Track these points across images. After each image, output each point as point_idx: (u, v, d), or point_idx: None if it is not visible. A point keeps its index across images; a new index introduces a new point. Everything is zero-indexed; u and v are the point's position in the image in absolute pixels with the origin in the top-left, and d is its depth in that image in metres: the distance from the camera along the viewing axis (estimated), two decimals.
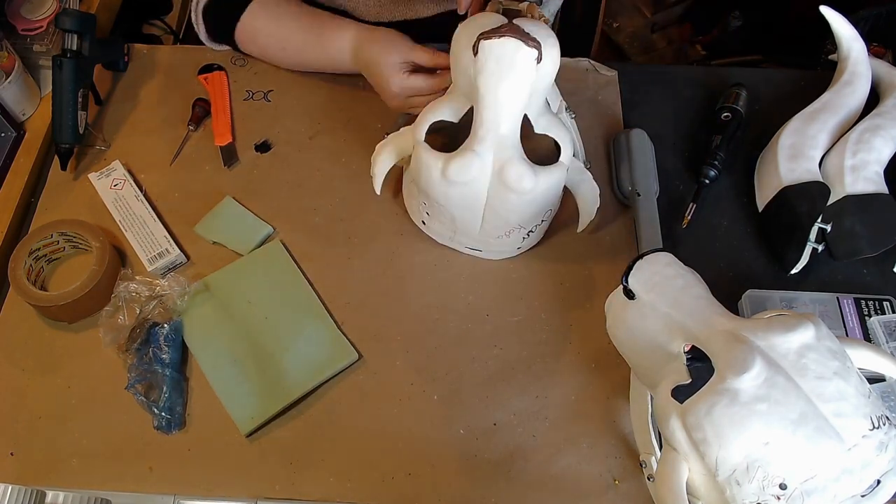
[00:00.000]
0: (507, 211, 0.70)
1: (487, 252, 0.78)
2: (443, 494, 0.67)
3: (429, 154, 0.68)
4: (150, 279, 0.74)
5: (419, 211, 0.77)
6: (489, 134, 0.65)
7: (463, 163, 0.66)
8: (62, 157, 0.84)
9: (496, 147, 0.66)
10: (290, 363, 0.71)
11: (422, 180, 0.70)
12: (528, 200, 0.69)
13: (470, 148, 0.66)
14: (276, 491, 0.67)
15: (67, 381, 0.72)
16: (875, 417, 0.52)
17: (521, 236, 0.75)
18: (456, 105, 0.69)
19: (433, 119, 0.69)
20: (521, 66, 0.61)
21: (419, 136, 0.70)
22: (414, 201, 0.77)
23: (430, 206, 0.73)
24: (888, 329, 0.72)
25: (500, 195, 0.68)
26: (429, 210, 0.74)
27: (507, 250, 0.79)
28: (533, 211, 0.71)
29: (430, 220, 0.76)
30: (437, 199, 0.71)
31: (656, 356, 0.60)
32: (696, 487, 0.55)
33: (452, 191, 0.69)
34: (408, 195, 0.79)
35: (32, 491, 0.53)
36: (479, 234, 0.75)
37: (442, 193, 0.70)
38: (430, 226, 0.78)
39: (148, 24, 1.36)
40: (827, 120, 0.82)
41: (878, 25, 1.34)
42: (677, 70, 0.99)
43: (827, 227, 0.75)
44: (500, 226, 0.72)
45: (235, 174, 0.85)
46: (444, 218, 0.74)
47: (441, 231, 0.77)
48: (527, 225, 0.73)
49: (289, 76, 0.93)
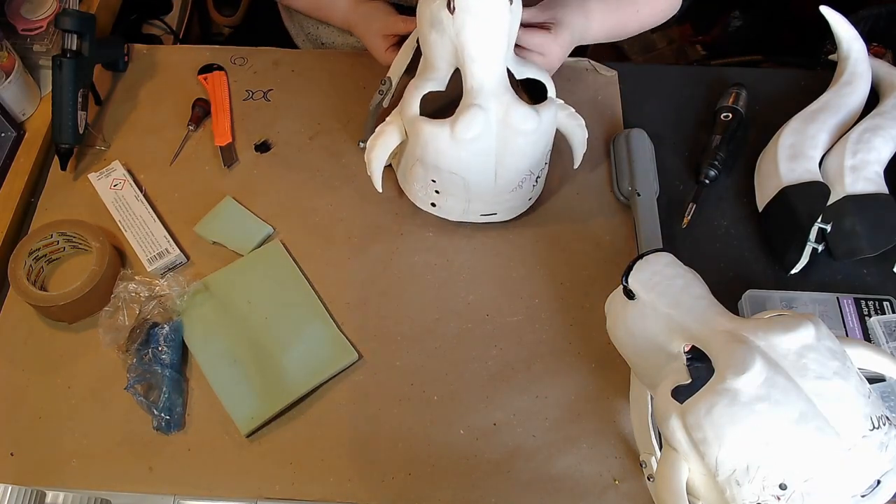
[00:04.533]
0: (518, 157, 0.71)
1: (502, 213, 0.79)
2: (443, 494, 0.67)
3: (431, 124, 0.69)
4: (149, 279, 0.74)
5: (427, 194, 0.77)
6: (484, 85, 0.67)
7: (469, 119, 0.67)
8: (62, 157, 0.84)
9: (493, 97, 0.67)
10: (290, 363, 0.71)
11: (429, 154, 0.70)
12: (535, 140, 0.70)
13: (469, 103, 0.67)
14: (276, 491, 0.67)
15: (67, 381, 0.72)
16: (875, 417, 0.52)
17: (531, 184, 0.76)
18: (436, 76, 0.71)
19: (421, 94, 0.70)
20: (497, 11, 0.64)
21: (414, 112, 0.70)
22: (418, 186, 0.77)
23: (441, 180, 0.73)
24: (888, 329, 0.72)
25: (508, 142, 0.69)
26: (439, 187, 0.74)
27: (520, 205, 0.79)
28: (540, 151, 0.72)
29: (442, 198, 0.76)
30: (450, 166, 0.71)
31: (656, 356, 0.60)
32: (696, 487, 0.55)
33: (463, 152, 0.69)
34: (410, 183, 0.78)
35: (32, 491, 0.53)
36: (493, 194, 0.75)
37: (454, 159, 0.70)
38: (442, 204, 0.77)
39: (148, 24, 1.36)
40: (827, 120, 0.82)
41: (878, 25, 1.34)
42: (677, 70, 0.99)
43: (827, 227, 0.75)
44: (512, 177, 0.73)
45: (235, 174, 0.85)
46: (457, 188, 0.73)
47: (454, 206, 0.77)
48: (535, 169, 0.74)
49: (289, 76, 0.93)
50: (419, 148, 0.71)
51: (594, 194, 0.84)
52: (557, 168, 0.85)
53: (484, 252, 0.80)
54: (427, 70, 0.72)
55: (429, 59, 0.71)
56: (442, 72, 0.70)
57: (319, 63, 0.94)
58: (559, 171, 0.85)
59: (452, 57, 0.69)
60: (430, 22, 0.67)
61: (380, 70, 0.87)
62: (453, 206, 0.77)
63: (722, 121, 0.86)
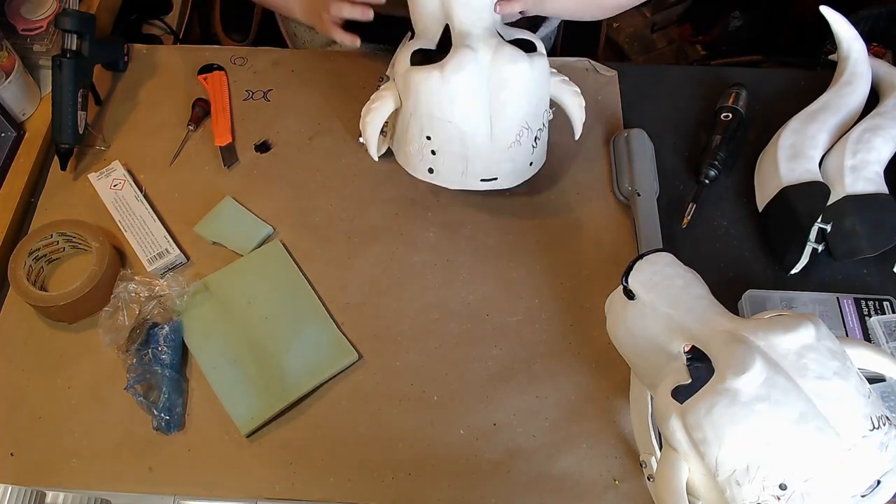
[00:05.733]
0: (511, 102, 0.71)
1: (503, 177, 0.76)
2: (443, 494, 0.67)
3: (422, 69, 0.69)
4: (149, 279, 0.74)
5: (423, 157, 0.75)
6: (472, 29, 0.69)
7: (458, 58, 0.68)
8: (62, 157, 0.83)
9: (482, 41, 0.69)
10: (290, 363, 0.71)
11: (422, 102, 0.70)
12: (527, 83, 0.70)
13: (459, 45, 0.68)
14: (276, 491, 0.67)
15: (67, 381, 0.72)
16: (875, 417, 0.52)
17: (530, 143, 0.75)
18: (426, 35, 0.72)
19: (411, 52, 0.71)
20: None
21: (405, 65, 0.71)
22: (414, 148, 0.76)
23: (436, 133, 0.72)
24: (888, 329, 0.72)
25: (500, 86, 0.69)
26: (435, 145, 0.73)
27: (521, 167, 0.77)
28: (533, 100, 0.72)
29: (439, 160, 0.75)
30: (443, 113, 0.70)
31: (656, 356, 0.60)
32: (696, 487, 0.55)
33: (455, 94, 0.69)
34: (406, 147, 0.77)
35: (32, 491, 0.53)
36: (490, 147, 0.73)
37: (447, 101, 0.70)
38: (439, 168, 0.76)
39: (148, 24, 1.36)
40: (827, 120, 0.82)
41: (878, 25, 1.34)
42: (677, 70, 0.99)
43: (827, 227, 0.75)
44: (509, 125, 0.72)
45: (235, 174, 0.85)
46: (453, 142, 0.72)
47: (452, 167, 0.75)
48: (531, 123, 0.73)
49: (289, 76, 0.93)
50: (412, 100, 0.71)
51: (594, 194, 0.84)
52: (558, 168, 0.85)
53: (484, 252, 0.80)
54: (417, 37, 0.73)
55: (418, 24, 0.72)
56: (431, 31, 0.72)
57: (319, 63, 0.94)
58: (560, 171, 0.85)
59: (440, 11, 0.70)
60: None
61: (379, 69, 0.87)
62: (451, 169, 0.75)
63: (722, 121, 0.86)
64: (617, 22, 1.95)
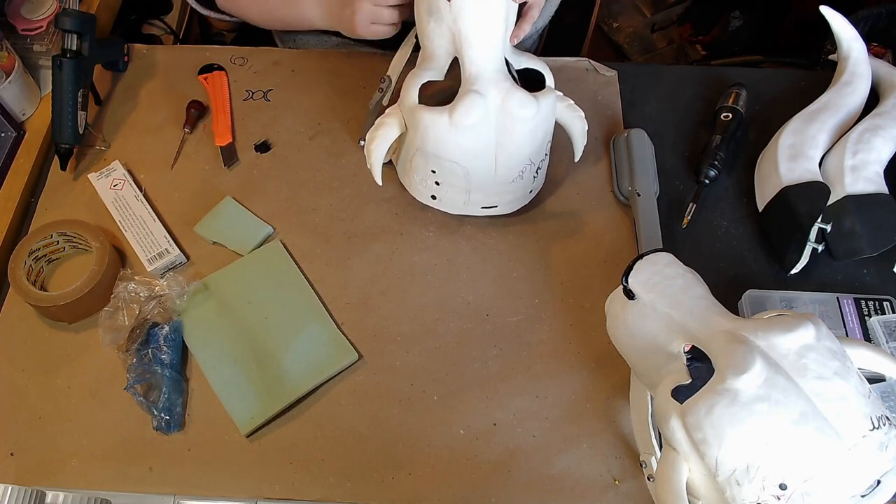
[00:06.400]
0: (518, 145, 0.71)
1: (503, 206, 0.78)
2: (443, 494, 0.67)
3: (430, 112, 0.69)
4: (149, 279, 0.74)
5: (427, 186, 0.76)
6: (483, 71, 0.68)
7: (467, 104, 0.67)
8: (62, 157, 0.84)
9: (492, 84, 0.68)
10: (290, 363, 0.71)
11: (429, 142, 0.70)
12: (534, 127, 0.70)
13: (468, 90, 0.68)
14: (276, 491, 0.67)
15: (67, 381, 0.72)
16: (875, 417, 0.52)
17: (531, 175, 0.76)
18: (435, 65, 0.71)
19: (419, 83, 0.70)
20: None
21: (413, 101, 0.70)
22: (418, 178, 0.76)
23: (441, 169, 0.73)
24: (888, 329, 0.72)
25: (507, 129, 0.69)
26: (439, 178, 0.74)
27: (521, 197, 0.78)
28: (538, 139, 0.72)
29: (442, 190, 0.76)
30: (450, 154, 0.71)
31: (656, 356, 0.60)
32: (696, 487, 0.55)
33: (462, 138, 0.69)
34: (410, 175, 0.78)
35: (32, 491, 0.53)
36: (493, 183, 0.74)
37: (454, 146, 0.70)
38: (442, 197, 0.77)
39: (148, 24, 1.36)
40: (827, 120, 0.82)
41: (878, 25, 1.34)
42: (677, 70, 0.98)
43: (827, 227, 0.75)
44: (513, 164, 0.73)
45: (235, 174, 0.85)
46: (457, 178, 0.73)
47: (454, 197, 0.76)
48: (535, 159, 0.74)
49: (289, 76, 0.93)
50: (418, 137, 0.71)
51: (594, 194, 0.84)
52: (558, 168, 0.85)
53: (484, 252, 0.80)
54: (426, 61, 0.72)
55: (427, 50, 0.72)
56: (441, 61, 0.71)
57: (319, 63, 0.94)
58: (559, 171, 0.85)
59: (450, 45, 0.69)
60: (427, 10, 0.68)
61: (379, 69, 0.87)
62: (454, 198, 0.77)
63: (722, 121, 0.86)
64: (617, 22, 1.96)
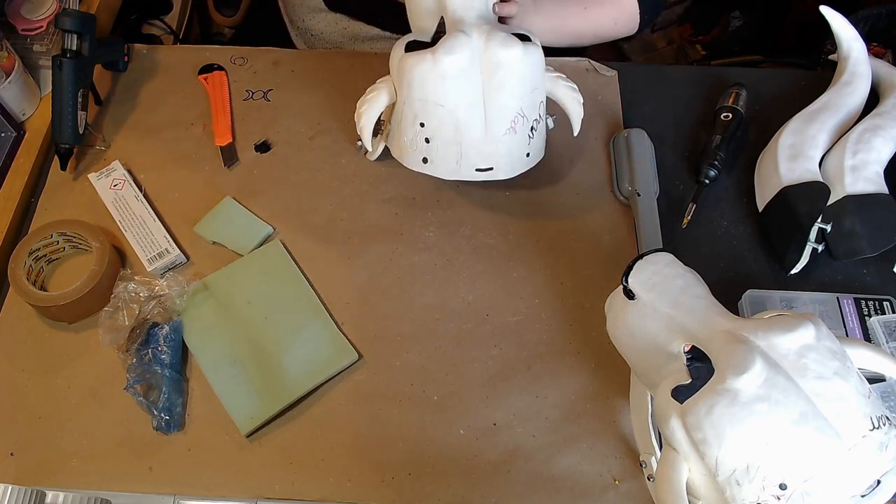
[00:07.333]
0: (505, 88, 0.70)
1: (498, 168, 0.75)
2: (443, 494, 0.67)
3: (414, 55, 0.69)
4: (149, 279, 0.74)
5: (417, 147, 0.75)
6: (466, 14, 0.69)
7: (450, 42, 0.68)
8: (62, 157, 0.83)
9: (475, 27, 0.69)
10: (290, 363, 0.71)
11: (415, 88, 0.70)
12: (520, 70, 0.70)
13: (452, 30, 0.69)
14: (276, 491, 0.67)
15: (67, 381, 0.72)
16: (875, 417, 0.52)
17: (525, 131, 0.74)
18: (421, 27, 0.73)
19: (405, 42, 0.72)
20: None
21: (399, 55, 0.71)
22: (408, 138, 0.75)
23: (429, 119, 0.72)
24: (888, 329, 0.72)
25: (493, 72, 0.69)
26: (428, 133, 0.73)
27: (517, 158, 0.75)
28: (527, 87, 0.71)
29: (432, 147, 0.74)
30: (437, 97, 0.70)
31: (656, 356, 0.60)
32: (696, 487, 0.55)
33: (448, 78, 0.69)
34: (400, 138, 0.76)
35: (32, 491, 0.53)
36: (485, 135, 0.72)
37: (440, 87, 0.69)
38: (433, 156, 0.74)
39: (148, 24, 1.36)
40: (827, 120, 0.82)
41: (878, 25, 1.34)
42: (677, 70, 0.99)
43: (827, 227, 0.75)
44: (503, 112, 0.71)
45: (235, 174, 0.85)
46: (447, 128, 0.72)
47: (446, 156, 0.74)
48: (527, 112, 0.73)
49: (289, 76, 0.93)
50: (405, 84, 0.71)
51: (594, 194, 0.84)
52: (558, 167, 0.85)
53: (484, 252, 0.80)
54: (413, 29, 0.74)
55: (414, 18, 0.73)
56: (427, 27, 0.72)
57: (319, 63, 0.94)
58: (559, 170, 0.85)
59: (435, 5, 0.70)
60: None
61: (380, 69, 0.87)
62: (445, 158, 0.74)
63: (722, 121, 0.86)
64: None
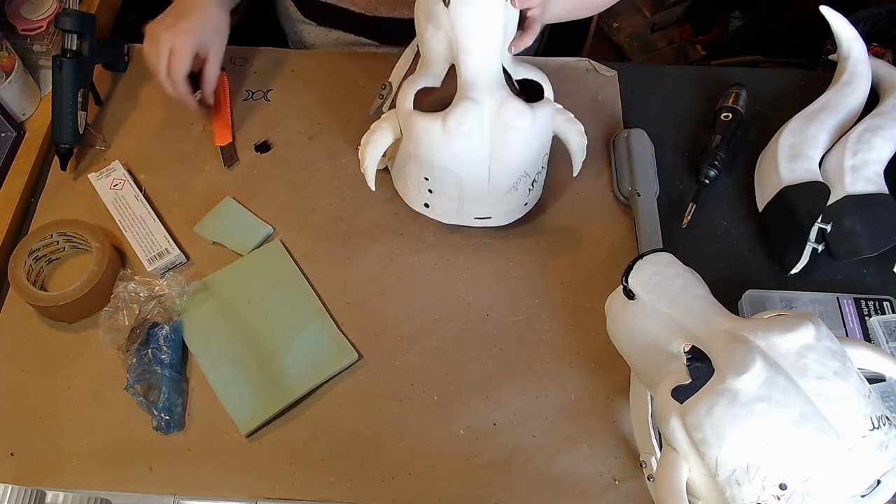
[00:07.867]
0: (512, 155, 0.70)
1: (496, 217, 0.77)
2: (443, 494, 0.67)
3: (424, 118, 0.68)
4: (149, 279, 0.74)
5: (420, 193, 0.76)
6: (478, 79, 0.68)
7: (461, 112, 0.67)
8: (62, 157, 0.83)
9: (487, 92, 0.67)
10: (290, 363, 0.71)
11: (422, 149, 0.70)
12: (529, 138, 0.70)
13: (463, 97, 0.67)
14: (276, 491, 0.67)
15: (67, 381, 0.72)
16: (875, 417, 0.52)
17: (526, 187, 0.75)
18: (432, 71, 0.71)
19: (415, 89, 0.70)
20: (492, 3, 0.65)
21: (408, 106, 0.70)
22: (411, 184, 0.76)
23: (434, 177, 0.72)
24: (888, 329, 0.72)
25: (502, 139, 0.69)
26: (432, 186, 0.73)
27: (515, 208, 0.77)
28: (534, 150, 0.72)
29: (435, 197, 0.75)
30: (442, 162, 0.70)
31: (656, 356, 0.60)
32: (696, 487, 0.55)
33: (456, 146, 0.68)
34: (404, 182, 0.78)
35: (32, 491, 0.53)
36: (487, 194, 0.73)
37: (447, 153, 0.69)
38: (435, 204, 0.76)
39: None
40: (827, 120, 0.82)
41: (878, 25, 1.34)
42: (677, 70, 0.98)
43: (827, 227, 0.75)
44: (507, 175, 0.72)
45: (235, 174, 0.85)
46: (450, 186, 0.72)
47: (447, 206, 0.76)
48: (530, 171, 0.73)
49: (289, 76, 0.93)
50: (412, 143, 0.71)
51: (594, 194, 0.84)
52: (557, 168, 0.85)
53: (484, 252, 0.80)
54: (424, 67, 0.72)
55: (425, 56, 0.71)
56: (438, 67, 0.71)
57: (319, 63, 0.94)
58: (559, 172, 0.85)
59: (448, 52, 0.69)
60: (426, 16, 0.68)
61: (380, 70, 0.87)
62: (446, 207, 0.76)
63: (722, 121, 0.86)
64: (617, 22, 1.96)
